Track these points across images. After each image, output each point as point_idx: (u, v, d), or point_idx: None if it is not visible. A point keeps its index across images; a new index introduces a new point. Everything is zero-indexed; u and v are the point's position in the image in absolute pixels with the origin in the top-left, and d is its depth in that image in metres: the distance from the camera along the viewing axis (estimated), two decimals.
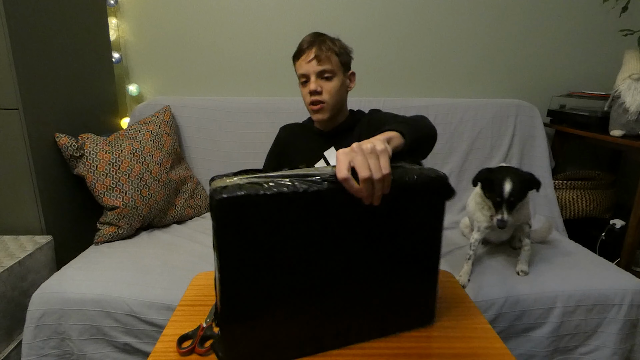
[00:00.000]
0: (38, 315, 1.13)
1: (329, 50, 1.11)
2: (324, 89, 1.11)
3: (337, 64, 1.13)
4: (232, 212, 0.51)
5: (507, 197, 1.13)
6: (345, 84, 1.17)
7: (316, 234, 0.56)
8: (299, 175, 0.55)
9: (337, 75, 1.12)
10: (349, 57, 1.18)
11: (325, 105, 1.12)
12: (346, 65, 1.16)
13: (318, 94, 1.11)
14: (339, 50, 1.13)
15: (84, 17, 1.59)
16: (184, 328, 0.68)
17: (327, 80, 1.12)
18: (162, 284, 1.17)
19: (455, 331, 0.66)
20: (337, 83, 1.13)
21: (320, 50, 1.10)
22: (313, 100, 1.12)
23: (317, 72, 1.10)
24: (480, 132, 1.81)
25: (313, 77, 1.11)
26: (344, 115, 1.23)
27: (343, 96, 1.17)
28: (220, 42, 1.89)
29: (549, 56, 1.97)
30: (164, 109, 1.72)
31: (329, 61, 1.10)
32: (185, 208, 1.66)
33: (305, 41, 1.13)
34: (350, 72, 1.19)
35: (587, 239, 1.73)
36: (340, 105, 1.18)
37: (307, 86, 1.13)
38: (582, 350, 1.24)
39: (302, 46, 1.13)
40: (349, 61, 1.18)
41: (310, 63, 1.10)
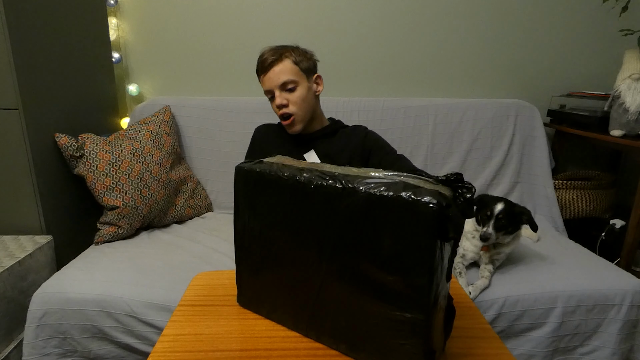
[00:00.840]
0: (39, 315, 1.13)
1: (287, 60, 1.12)
2: (289, 100, 1.13)
3: (298, 73, 1.13)
4: (243, 179, 0.67)
5: (496, 213, 1.19)
6: (312, 90, 1.18)
7: (305, 221, 0.61)
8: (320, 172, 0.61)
9: (300, 84, 1.13)
10: (311, 61, 1.18)
11: (295, 117, 1.14)
12: (309, 70, 1.16)
13: (285, 107, 1.13)
14: (296, 59, 1.13)
15: (84, 17, 1.59)
16: (184, 328, 0.68)
17: (291, 92, 1.13)
18: (162, 284, 1.17)
19: (455, 331, 0.66)
20: (302, 91, 1.13)
21: (277, 64, 1.11)
22: (282, 114, 1.14)
23: (279, 85, 1.12)
24: (480, 132, 1.81)
25: (277, 92, 1.12)
26: (321, 120, 1.24)
27: (312, 102, 1.18)
28: (221, 42, 1.89)
29: (549, 56, 1.97)
30: (163, 109, 1.72)
31: (288, 72, 1.11)
32: (185, 208, 1.66)
33: (262, 58, 1.14)
34: (316, 75, 1.20)
35: (587, 239, 1.73)
36: (312, 111, 1.18)
37: (274, 101, 1.15)
38: (582, 351, 1.24)
39: (261, 64, 1.14)
40: (311, 66, 1.17)
41: (270, 78, 1.12)
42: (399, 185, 0.52)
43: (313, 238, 0.60)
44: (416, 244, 0.51)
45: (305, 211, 0.60)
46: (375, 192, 0.52)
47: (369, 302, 0.57)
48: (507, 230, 1.21)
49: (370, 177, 0.56)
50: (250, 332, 0.67)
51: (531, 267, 1.31)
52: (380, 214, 0.52)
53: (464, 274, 1.26)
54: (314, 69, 1.20)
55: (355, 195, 0.54)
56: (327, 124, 1.27)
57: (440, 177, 0.55)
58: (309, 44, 1.90)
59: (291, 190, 0.60)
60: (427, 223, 0.49)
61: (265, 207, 0.65)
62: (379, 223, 0.53)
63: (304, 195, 0.59)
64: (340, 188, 0.55)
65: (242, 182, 0.67)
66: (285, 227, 0.63)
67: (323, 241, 0.59)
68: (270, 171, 0.63)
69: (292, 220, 0.62)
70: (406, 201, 0.50)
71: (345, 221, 0.56)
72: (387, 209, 0.52)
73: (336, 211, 0.56)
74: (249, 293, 0.72)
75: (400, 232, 0.51)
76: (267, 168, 0.64)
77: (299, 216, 0.61)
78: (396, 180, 0.54)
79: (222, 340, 0.65)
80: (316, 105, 1.21)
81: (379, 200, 0.52)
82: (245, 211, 0.68)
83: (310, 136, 1.22)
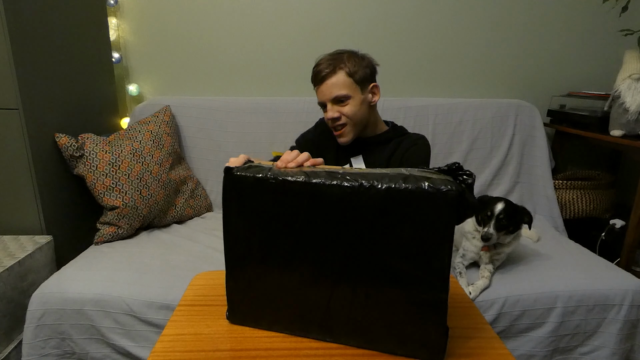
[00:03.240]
0: (38, 315, 1.13)
1: (340, 73, 1.10)
2: (341, 113, 1.12)
3: (351, 85, 1.11)
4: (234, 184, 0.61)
5: (497, 213, 1.19)
6: (367, 100, 1.15)
7: (315, 222, 0.59)
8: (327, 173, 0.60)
9: (353, 96, 1.11)
10: (367, 69, 1.14)
11: (346, 128, 1.14)
12: (364, 81, 1.13)
13: (337, 119, 1.13)
14: (351, 70, 1.11)
15: (84, 17, 1.59)
16: (184, 328, 0.68)
17: (343, 105, 1.12)
18: (161, 284, 1.17)
19: (455, 331, 0.66)
20: (355, 103, 1.12)
21: (331, 76, 1.10)
22: (334, 126, 1.14)
23: (331, 99, 1.11)
24: (480, 132, 1.81)
25: (329, 105, 1.12)
26: (375, 127, 1.22)
27: (365, 113, 1.15)
28: (220, 42, 1.89)
29: (549, 56, 1.97)
30: (164, 109, 1.72)
31: (340, 86, 1.10)
32: (185, 208, 1.66)
33: (317, 69, 1.13)
34: (372, 85, 1.16)
35: (587, 239, 1.73)
36: (365, 121, 1.17)
37: (326, 113, 1.15)
38: (582, 350, 1.24)
39: (315, 76, 1.13)
40: (367, 75, 1.14)
41: (323, 92, 1.12)
42: (412, 178, 0.55)
43: (325, 239, 0.59)
44: (436, 230, 0.54)
45: (315, 212, 0.58)
46: (394, 185, 0.54)
47: (387, 292, 0.59)
48: (507, 230, 1.21)
49: (380, 173, 0.57)
50: (250, 331, 0.67)
51: (531, 267, 1.31)
52: (400, 206, 0.55)
53: (464, 274, 1.26)
54: (371, 77, 1.16)
55: (373, 190, 0.55)
56: (383, 130, 1.23)
57: (442, 167, 0.58)
58: (309, 44, 1.91)
59: (299, 193, 0.58)
60: (448, 209, 0.53)
61: (266, 214, 0.61)
62: (399, 215, 0.55)
63: (313, 196, 0.58)
64: (356, 186, 0.56)
65: (236, 190, 0.61)
66: (293, 231, 0.60)
67: (337, 240, 0.59)
68: (270, 176, 0.59)
69: (300, 223, 0.60)
70: (427, 192, 0.53)
71: (362, 217, 0.57)
72: (408, 201, 0.54)
73: (352, 209, 0.57)
74: (244, 308, 0.67)
75: (420, 220, 0.55)
76: (263, 173, 0.60)
77: (309, 218, 0.59)
78: (406, 173, 0.57)
79: (222, 340, 0.65)
80: (371, 113, 1.19)
81: (398, 193, 0.54)
82: (239, 221, 0.62)
83: (363, 142, 1.20)
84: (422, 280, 0.57)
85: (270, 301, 0.65)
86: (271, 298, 0.65)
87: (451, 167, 0.57)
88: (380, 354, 0.62)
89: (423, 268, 0.56)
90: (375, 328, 0.61)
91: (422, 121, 1.81)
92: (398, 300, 0.58)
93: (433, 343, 0.59)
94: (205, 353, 0.62)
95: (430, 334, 0.59)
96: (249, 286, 0.65)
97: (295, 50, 1.90)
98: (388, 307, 0.59)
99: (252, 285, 0.65)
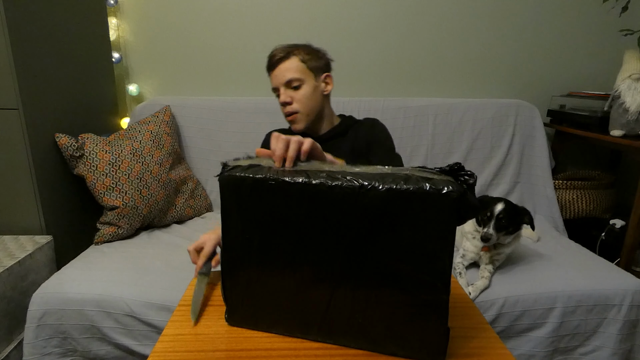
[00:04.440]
0: (39, 315, 1.13)
1: (294, 58, 1.12)
2: (293, 98, 1.11)
3: (305, 71, 1.12)
4: (232, 185, 0.60)
5: (496, 214, 1.19)
6: (320, 89, 1.15)
7: (308, 223, 0.58)
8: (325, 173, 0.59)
9: (305, 82, 1.12)
10: (321, 60, 1.16)
11: (299, 115, 1.12)
12: (317, 69, 1.15)
13: (288, 104, 1.12)
14: (304, 57, 1.13)
15: (84, 17, 1.59)
16: (184, 328, 0.68)
17: (296, 90, 1.12)
18: (162, 284, 1.17)
19: (455, 331, 0.66)
20: (308, 90, 1.12)
21: (284, 61, 1.11)
22: (285, 111, 1.13)
23: (284, 83, 1.11)
24: (480, 132, 1.81)
25: (282, 89, 1.12)
26: (331, 120, 1.21)
27: (318, 101, 1.15)
28: (221, 42, 1.89)
29: (549, 56, 1.97)
30: (163, 109, 1.72)
31: (294, 70, 1.11)
32: (185, 208, 1.66)
33: (271, 55, 1.14)
34: (325, 75, 1.17)
35: (587, 239, 1.73)
36: (318, 111, 1.16)
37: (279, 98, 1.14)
38: (582, 351, 1.24)
39: (269, 60, 1.14)
40: (321, 65, 1.16)
41: (276, 76, 1.12)
42: (414, 178, 0.55)
43: (325, 240, 0.59)
44: (437, 231, 0.54)
45: (316, 213, 0.58)
46: (395, 186, 0.54)
47: (388, 294, 0.58)
48: (507, 230, 1.21)
49: (380, 173, 0.57)
50: (250, 332, 0.67)
51: (531, 267, 1.31)
52: (401, 207, 0.54)
53: (464, 274, 1.26)
54: (325, 67, 1.17)
55: (374, 191, 0.55)
56: (337, 123, 1.23)
57: (444, 167, 0.58)
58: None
59: (299, 194, 0.58)
60: (449, 211, 0.53)
61: (265, 215, 0.60)
62: (400, 216, 0.55)
63: (313, 197, 0.57)
64: (357, 186, 0.55)
65: (234, 190, 0.60)
66: (292, 232, 0.60)
67: (337, 242, 0.58)
68: (270, 176, 0.58)
69: (300, 224, 0.59)
70: (428, 192, 0.53)
71: (362, 218, 0.56)
72: (409, 202, 0.54)
73: (353, 209, 0.56)
74: (241, 311, 0.67)
75: (421, 221, 0.54)
76: (263, 173, 0.59)
77: (309, 219, 0.58)
78: (408, 174, 0.56)
79: (222, 340, 0.65)
80: (324, 104, 1.18)
81: (400, 194, 0.54)
82: (238, 222, 0.62)
83: (320, 138, 1.19)
84: (423, 281, 0.56)
85: (269, 303, 0.64)
86: (270, 300, 0.64)
87: (452, 168, 0.57)
88: (380, 355, 0.62)
89: (424, 269, 0.56)
90: (375, 329, 0.61)
91: (422, 121, 1.81)
92: (399, 302, 0.58)
93: (434, 344, 0.59)
94: (205, 353, 0.62)
95: (431, 335, 0.58)
96: (247, 288, 0.65)
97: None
98: (388, 308, 0.59)
99: (250, 287, 0.64)
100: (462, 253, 1.31)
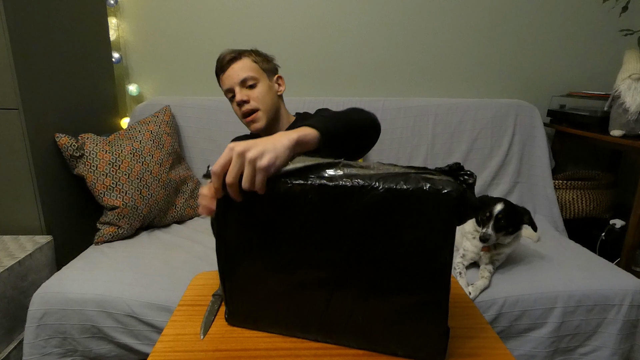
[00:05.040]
0: (39, 315, 1.13)
1: (246, 59, 1.11)
2: (250, 97, 1.10)
3: (258, 70, 1.12)
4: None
5: (496, 214, 1.19)
6: (274, 89, 1.16)
7: (307, 224, 0.58)
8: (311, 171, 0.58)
9: (260, 80, 1.11)
10: (271, 63, 1.17)
11: (259, 112, 1.11)
12: (269, 70, 1.15)
13: (246, 102, 1.10)
14: (255, 59, 1.13)
15: (84, 17, 1.59)
16: (184, 328, 0.68)
17: (251, 89, 1.11)
18: (162, 284, 1.18)
19: (455, 331, 0.66)
20: (263, 88, 1.12)
21: (236, 61, 1.10)
22: (244, 111, 1.10)
23: (239, 82, 1.10)
24: (480, 132, 1.81)
25: (237, 88, 1.10)
26: (287, 120, 1.20)
27: (274, 101, 1.15)
28: (220, 42, 1.89)
29: (549, 56, 1.97)
30: (163, 109, 1.72)
31: (247, 69, 1.10)
32: (185, 208, 1.66)
33: (220, 57, 1.13)
34: (277, 76, 1.18)
35: (587, 239, 1.73)
36: (275, 110, 1.15)
37: (234, 100, 1.12)
38: (582, 351, 1.24)
39: (219, 62, 1.13)
40: (271, 67, 1.17)
41: (230, 76, 1.10)
42: (413, 178, 0.54)
43: (324, 240, 0.59)
44: (437, 231, 0.54)
45: (314, 214, 0.58)
46: (394, 186, 0.54)
47: (388, 294, 0.58)
48: (507, 230, 1.21)
49: (378, 172, 0.56)
50: (250, 331, 0.67)
51: (531, 267, 1.31)
52: (400, 207, 0.54)
53: (464, 274, 1.26)
54: (275, 71, 1.18)
55: (373, 191, 0.54)
56: (293, 120, 1.21)
57: (443, 167, 0.57)
58: (309, 44, 1.91)
59: (297, 195, 0.57)
60: (449, 210, 0.52)
61: (265, 215, 0.60)
62: (399, 216, 0.55)
63: (312, 198, 0.57)
64: (356, 187, 0.55)
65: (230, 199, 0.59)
66: (291, 233, 0.59)
67: (337, 242, 0.58)
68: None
69: (298, 224, 0.59)
70: (427, 192, 0.53)
71: (362, 218, 0.56)
72: (408, 202, 0.54)
73: (352, 210, 0.56)
74: (241, 310, 0.67)
75: (421, 222, 0.54)
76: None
77: (307, 220, 0.58)
78: (407, 172, 0.56)
79: (222, 340, 0.65)
80: (280, 105, 1.18)
81: (399, 194, 0.54)
82: (237, 223, 0.62)
83: None
84: (423, 282, 0.56)
85: (269, 303, 0.64)
86: (270, 300, 0.64)
87: (452, 168, 0.57)
88: (380, 355, 0.62)
89: (424, 270, 0.56)
90: (375, 329, 0.61)
91: (422, 121, 1.81)
92: (399, 302, 0.58)
93: (434, 344, 0.59)
94: (205, 353, 0.62)
95: (431, 335, 0.58)
96: (247, 288, 0.65)
97: (295, 50, 1.90)
98: (388, 308, 0.59)
99: (250, 287, 0.64)
100: (462, 253, 1.31)
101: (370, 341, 0.62)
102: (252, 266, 0.63)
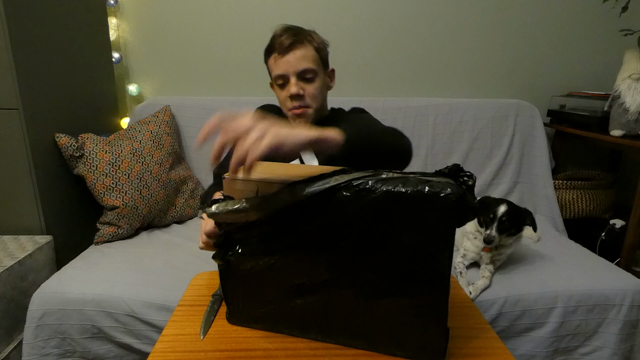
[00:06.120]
0: (39, 315, 1.13)
1: (309, 46, 0.96)
2: (306, 92, 0.96)
3: (318, 62, 0.98)
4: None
5: (500, 216, 1.19)
6: (327, 84, 1.03)
7: (307, 226, 0.58)
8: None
9: (318, 75, 0.97)
10: (328, 51, 1.03)
11: (309, 110, 0.97)
12: (326, 62, 1.02)
13: (300, 98, 0.96)
14: (318, 45, 0.98)
15: (84, 17, 1.59)
16: (184, 328, 0.68)
17: (308, 82, 0.96)
18: (162, 284, 1.17)
19: (455, 331, 0.66)
20: (319, 84, 0.98)
21: (300, 47, 0.94)
22: (293, 105, 0.97)
23: (297, 72, 0.94)
24: (480, 132, 1.81)
25: (293, 79, 0.95)
26: (323, 114, 1.07)
27: (325, 98, 1.04)
28: (220, 42, 1.89)
29: (549, 56, 1.97)
30: (163, 109, 1.72)
31: (310, 59, 0.95)
32: (185, 208, 1.66)
33: (281, 37, 0.95)
34: (330, 69, 1.05)
35: (587, 239, 1.73)
36: (322, 107, 1.04)
37: (285, 89, 0.97)
38: (583, 351, 1.24)
39: (279, 44, 0.95)
40: (327, 57, 1.03)
41: (289, 62, 0.94)
42: (412, 181, 0.54)
43: (324, 243, 0.59)
44: (437, 233, 0.54)
45: (314, 217, 0.58)
46: (393, 189, 0.54)
47: (387, 295, 0.58)
48: (510, 232, 1.21)
49: (377, 176, 0.56)
50: (250, 331, 0.67)
51: (531, 267, 1.31)
52: (399, 209, 0.54)
53: (464, 274, 1.26)
54: (328, 61, 1.04)
55: (372, 194, 0.54)
56: (325, 115, 1.08)
57: (442, 170, 0.57)
58: None
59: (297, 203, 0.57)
60: (448, 213, 0.52)
61: (262, 218, 0.59)
62: (398, 218, 0.54)
63: (313, 199, 0.57)
64: (355, 190, 0.55)
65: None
66: (292, 234, 0.59)
67: (336, 244, 0.58)
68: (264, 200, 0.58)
69: (298, 227, 0.59)
70: (426, 195, 0.52)
71: (361, 221, 0.56)
72: (408, 205, 0.54)
73: (351, 212, 0.56)
74: (241, 311, 0.67)
75: (421, 224, 0.54)
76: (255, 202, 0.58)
77: (307, 222, 0.58)
78: (406, 176, 0.56)
79: (223, 340, 0.65)
80: (326, 101, 1.06)
81: (398, 197, 0.53)
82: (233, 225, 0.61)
83: None
84: (423, 282, 0.56)
85: (269, 303, 0.65)
86: (270, 300, 0.64)
87: (451, 169, 0.57)
88: (380, 355, 0.62)
89: (423, 272, 0.56)
90: (375, 330, 0.61)
91: (422, 121, 1.81)
92: (398, 303, 0.58)
93: (433, 345, 0.59)
94: (205, 353, 0.62)
95: (431, 336, 0.59)
96: (247, 288, 0.65)
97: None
98: (388, 310, 0.59)
99: (250, 287, 0.65)
100: (463, 253, 1.31)
101: (370, 341, 0.62)
102: (253, 266, 0.63)
